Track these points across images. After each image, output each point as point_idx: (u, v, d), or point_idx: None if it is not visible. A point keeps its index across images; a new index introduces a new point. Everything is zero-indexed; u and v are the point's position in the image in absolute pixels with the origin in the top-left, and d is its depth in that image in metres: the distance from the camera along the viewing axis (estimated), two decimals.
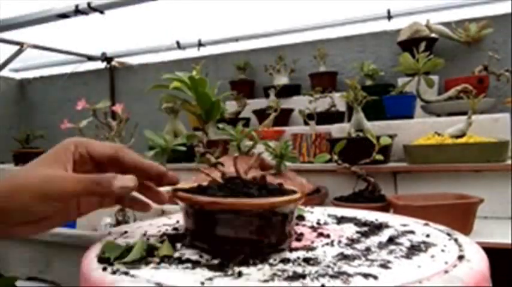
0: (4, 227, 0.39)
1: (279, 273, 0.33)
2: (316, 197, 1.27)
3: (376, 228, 0.48)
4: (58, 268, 0.67)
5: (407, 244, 0.40)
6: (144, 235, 0.46)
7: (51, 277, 0.68)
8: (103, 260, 0.37)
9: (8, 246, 0.72)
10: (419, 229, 0.47)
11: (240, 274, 0.33)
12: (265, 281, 0.31)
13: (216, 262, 0.36)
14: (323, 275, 0.32)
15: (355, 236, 0.44)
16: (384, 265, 0.34)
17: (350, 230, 0.47)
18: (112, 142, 2.17)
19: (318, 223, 0.52)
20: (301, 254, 0.38)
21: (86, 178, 0.38)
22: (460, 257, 0.36)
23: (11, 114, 2.95)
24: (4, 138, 2.66)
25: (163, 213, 0.93)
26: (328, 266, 0.34)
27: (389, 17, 2.03)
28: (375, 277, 0.31)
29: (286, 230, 0.39)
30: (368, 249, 0.39)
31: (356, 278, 0.31)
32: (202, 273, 0.34)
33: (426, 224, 0.49)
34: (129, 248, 0.39)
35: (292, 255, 0.38)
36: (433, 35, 1.81)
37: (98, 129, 2.22)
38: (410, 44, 1.66)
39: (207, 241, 0.39)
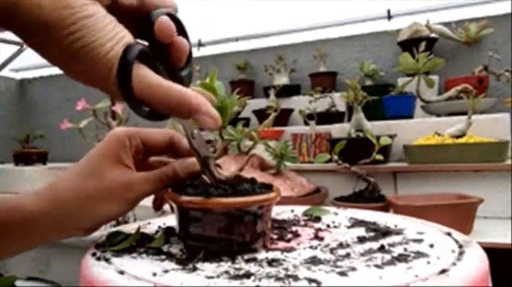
0: (59, 233, 0.37)
1: (231, 271, 0.33)
2: (316, 197, 1.27)
3: (383, 234, 0.45)
4: (58, 268, 0.67)
5: (396, 253, 0.38)
6: (159, 227, 0.49)
7: (51, 277, 0.68)
8: (98, 245, 0.40)
9: None
10: (431, 238, 0.43)
11: (194, 269, 0.34)
12: (210, 277, 0.32)
13: (184, 257, 0.38)
14: (270, 277, 0.32)
15: (351, 241, 0.43)
16: (343, 273, 0.33)
17: (353, 235, 0.46)
18: None
19: (328, 225, 0.52)
20: (273, 255, 0.38)
21: (155, 176, 0.38)
22: (461, 254, 0.36)
23: (11, 114, 2.95)
24: (4, 138, 2.66)
25: (163, 213, 0.93)
26: (286, 269, 0.34)
27: (389, 17, 2.04)
28: (318, 283, 0.30)
29: (258, 230, 0.39)
30: (347, 255, 0.38)
31: (300, 282, 0.30)
32: (164, 265, 0.35)
33: (448, 234, 0.44)
34: (126, 238, 0.41)
35: (262, 255, 0.38)
36: (433, 35, 1.81)
37: (98, 129, 2.22)
38: (410, 44, 1.66)
39: (183, 238, 0.41)
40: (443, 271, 0.32)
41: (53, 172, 2.29)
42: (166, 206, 0.44)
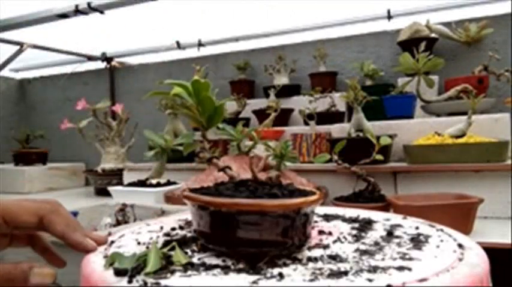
0: None
1: (317, 272, 0.33)
2: None
3: (367, 223, 0.49)
4: (58, 268, 0.67)
5: (406, 236, 0.41)
6: (139, 243, 0.45)
7: None
8: (120, 272, 0.35)
9: None
10: (404, 222, 0.50)
11: (281, 275, 0.32)
12: (311, 280, 0.31)
13: (243, 265, 0.35)
14: (361, 271, 0.32)
15: (354, 232, 0.45)
16: (405, 258, 0.34)
17: (344, 226, 0.48)
18: (112, 143, 2.15)
19: (315, 221, 0.53)
20: (321, 252, 0.39)
21: None
22: (460, 246, 0.37)
23: (11, 114, 2.95)
24: (4, 138, 2.66)
25: (163, 213, 0.93)
26: (357, 262, 0.34)
27: (389, 17, 2.03)
28: (409, 269, 0.31)
29: (308, 231, 0.39)
30: (377, 243, 0.40)
31: (392, 271, 0.31)
32: (239, 277, 0.33)
33: (404, 218, 0.52)
34: (139, 258, 0.36)
35: (313, 253, 0.38)
36: (433, 35, 1.81)
37: (98, 129, 2.21)
38: (410, 44, 1.66)
39: (227, 244, 0.37)
40: (443, 271, 0.32)
41: (53, 172, 2.30)
42: (166, 206, 0.44)
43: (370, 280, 0.30)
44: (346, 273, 0.32)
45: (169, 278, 0.33)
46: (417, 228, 0.45)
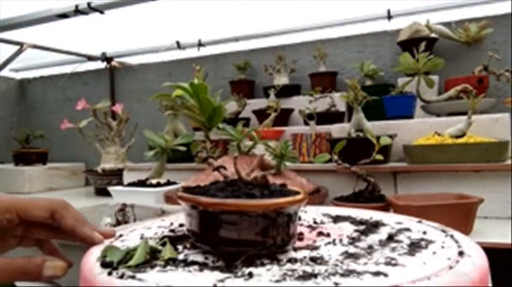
0: None
1: (289, 273, 0.33)
2: (316, 197, 1.27)
3: (373, 226, 0.48)
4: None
5: (407, 241, 0.40)
6: (141, 238, 0.46)
7: None
8: (106, 264, 0.37)
9: None
10: (415, 226, 0.48)
11: (250, 275, 0.33)
12: (277, 281, 0.31)
13: (221, 263, 0.36)
14: (333, 274, 0.32)
15: (355, 234, 0.45)
16: (389, 263, 0.34)
17: (348, 228, 0.48)
18: (112, 143, 2.15)
19: (315, 222, 0.53)
20: (306, 253, 0.39)
21: (10, 267, 0.36)
22: (461, 254, 0.37)
23: (11, 114, 2.95)
24: (4, 138, 2.66)
25: (163, 213, 0.93)
26: (336, 265, 0.34)
27: (389, 17, 2.03)
28: (385, 275, 0.31)
29: (290, 231, 0.39)
30: (370, 247, 0.39)
31: (365, 276, 0.31)
32: (212, 275, 0.33)
33: (420, 221, 0.51)
34: (130, 252, 0.38)
35: (298, 255, 0.38)
36: (433, 35, 1.81)
37: (98, 129, 2.22)
38: (410, 44, 1.66)
39: (211, 243, 0.38)
40: (443, 271, 0.32)
41: (53, 172, 2.30)
42: (166, 206, 0.44)
43: (336, 284, 0.30)
44: (316, 276, 0.32)
45: (147, 272, 0.34)
46: (425, 233, 0.44)
